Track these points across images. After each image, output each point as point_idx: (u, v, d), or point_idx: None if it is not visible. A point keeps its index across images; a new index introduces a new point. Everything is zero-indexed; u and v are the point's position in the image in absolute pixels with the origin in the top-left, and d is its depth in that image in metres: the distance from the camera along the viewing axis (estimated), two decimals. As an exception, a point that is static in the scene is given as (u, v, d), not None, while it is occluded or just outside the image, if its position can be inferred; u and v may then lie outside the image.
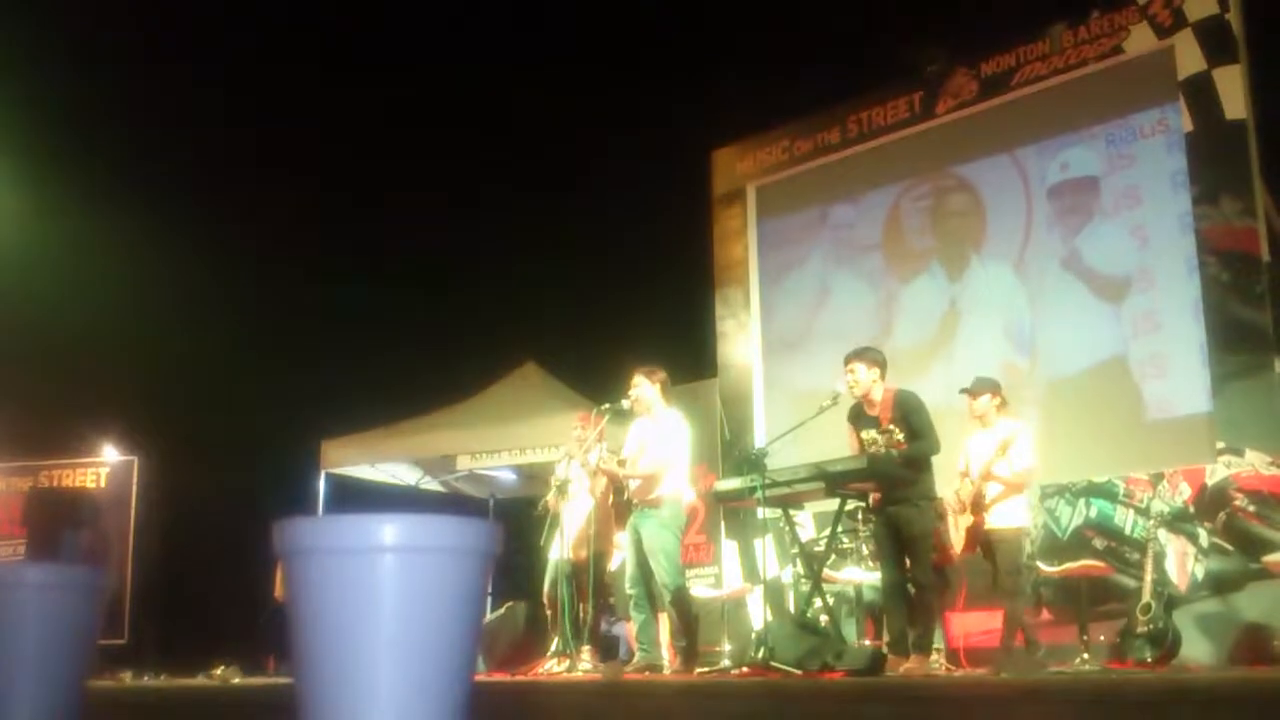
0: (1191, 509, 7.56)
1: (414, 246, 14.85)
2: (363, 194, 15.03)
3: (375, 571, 2.24)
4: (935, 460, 6.36)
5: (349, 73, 15.45)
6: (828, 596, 7.06)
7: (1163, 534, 7.44)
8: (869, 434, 6.42)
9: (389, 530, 2.25)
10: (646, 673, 6.71)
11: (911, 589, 6.25)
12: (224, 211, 14.00)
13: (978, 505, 6.51)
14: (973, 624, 7.48)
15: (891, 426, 6.29)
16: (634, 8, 14.59)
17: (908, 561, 6.24)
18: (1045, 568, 7.74)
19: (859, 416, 6.50)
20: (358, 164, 14.94)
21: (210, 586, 12.11)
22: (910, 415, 6.32)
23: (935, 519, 6.49)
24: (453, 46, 16.09)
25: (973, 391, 6.82)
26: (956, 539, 6.56)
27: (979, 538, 6.53)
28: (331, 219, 14.91)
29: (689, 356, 10.95)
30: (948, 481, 6.73)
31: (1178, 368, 7.99)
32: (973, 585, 7.04)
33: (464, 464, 11.07)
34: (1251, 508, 7.32)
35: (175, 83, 14.22)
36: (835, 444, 6.80)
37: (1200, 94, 7.99)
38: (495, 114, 15.69)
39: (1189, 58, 8.09)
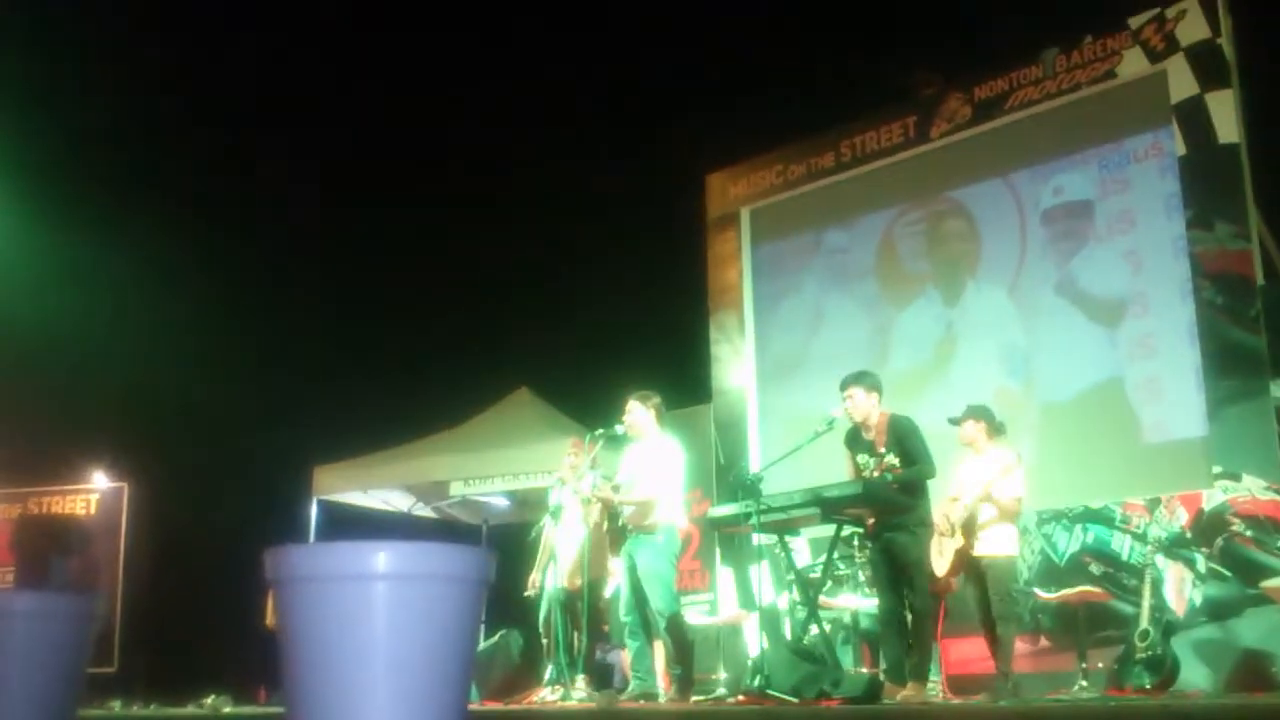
0: (1189, 534, 7.53)
1: (407, 271, 14.85)
2: (355, 219, 15.04)
3: (367, 599, 2.21)
4: (930, 485, 6.32)
5: (341, 96, 15.50)
6: (824, 623, 7.01)
7: (1160, 559, 7.41)
8: (864, 458, 6.39)
9: (381, 557, 2.22)
10: (641, 701, 6.64)
11: (908, 616, 6.21)
12: (214, 239, 14.00)
13: (969, 529, 6.44)
14: (968, 651, 7.42)
15: (886, 451, 6.27)
16: (628, 30, 14.65)
17: (904, 588, 6.20)
18: (1043, 593, 7.71)
19: (855, 441, 6.48)
20: (351, 189, 14.96)
21: (201, 614, 12.03)
22: (905, 440, 6.28)
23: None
24: (446, 70, 16.13)
25: (958, 421, 6.77)
26: (940, 564, 6.47)
27: (966, 562, 6.47)
28: (323, 245, 14.90)
29: (683, 381, 10.92)
30: (938, 506, 6.68)
31: (1173, 392, 7.97)
32: (958, 612, 6.98)
33: (457, 490, 11.03)
34: (1249, 533, 7.29)
35: (166, 114, 14.25)
36: (831, 469, 6.76)
37: (1193, 118, 8.02)
38: (489, 138, 15.71)
39: (1182, 82, 8.12)
